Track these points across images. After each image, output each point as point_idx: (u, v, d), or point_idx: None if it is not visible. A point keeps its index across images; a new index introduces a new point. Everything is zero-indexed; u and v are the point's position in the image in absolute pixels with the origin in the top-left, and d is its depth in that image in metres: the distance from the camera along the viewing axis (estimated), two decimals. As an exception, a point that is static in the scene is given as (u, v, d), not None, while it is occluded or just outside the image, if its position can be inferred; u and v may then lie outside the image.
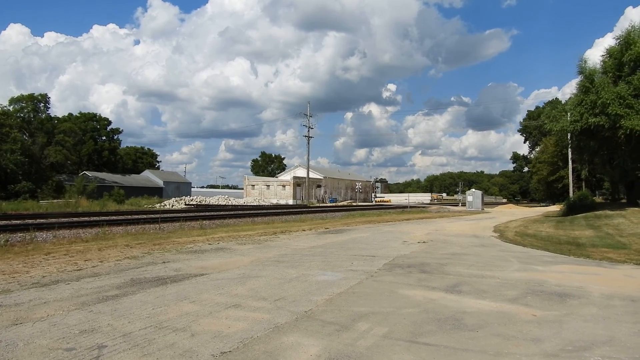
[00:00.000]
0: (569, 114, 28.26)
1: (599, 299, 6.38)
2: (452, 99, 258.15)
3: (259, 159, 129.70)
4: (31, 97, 60.00)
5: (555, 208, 45.17)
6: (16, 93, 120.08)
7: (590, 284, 7.46)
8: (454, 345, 4.33)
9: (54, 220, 20.55)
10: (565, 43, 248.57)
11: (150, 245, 12.06)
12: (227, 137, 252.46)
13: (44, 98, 61.46)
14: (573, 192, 42.55)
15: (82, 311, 5.42)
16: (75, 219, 21.72)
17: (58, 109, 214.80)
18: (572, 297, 6.47)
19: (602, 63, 28.65)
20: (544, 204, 74.05)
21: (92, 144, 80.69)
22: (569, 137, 31.40)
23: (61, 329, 4.72)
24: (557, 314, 5.56)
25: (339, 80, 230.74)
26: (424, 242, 13.90)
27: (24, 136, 56.10)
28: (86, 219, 22.26)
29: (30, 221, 19.50)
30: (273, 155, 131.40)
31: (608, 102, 24.37)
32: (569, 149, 38.62)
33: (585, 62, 28.74)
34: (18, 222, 19.48)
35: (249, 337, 4.49)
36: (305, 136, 65.19)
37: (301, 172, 75.96)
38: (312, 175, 74.10)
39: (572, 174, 44.03)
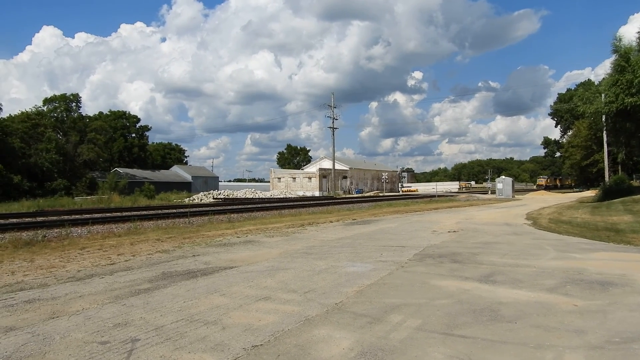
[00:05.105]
0: (603, 95, 27.15)
1: (644, 287, 6.06)
2: (480, 84, 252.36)
3: (285, 151, 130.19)
4: (64, 97, 61.66)
5: (590, 193, 43.63)
6: (49, 93, 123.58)
7: (634, 271, 7.11)
8: (492, 338, 4.17)
9: (87, 216, 21.15)
10: (598, 21, 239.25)
11: (180, 239, 12.24)
12: (252, 131, 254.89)
13: (76, 98, 63.04)
14: (609, 176, 41.02)
15: (115, 305, 5.50)
16: (108, 215, 22.28)
17: (89, 107, 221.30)
18: (615, 285, 6.17)
19: (637, 40, 27.35)
20: (577, 190, 71.74)
21: (122, 141, 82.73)
22: (603, 119, 30.18)
23: (96, 322, 4.79)
24: (600, 303, 5.30)
25: (363, 70, 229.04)
26: (454, 231, 13.61)
27: (58, 135, 57.80)
28: (118, 214, 22.80)
29: (65, 217, 20.08)
30: (298, 147, 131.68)
31: (646, 81, 23.25)
32: (604, 132, 37.13)
33: (620, 40, 27.42)
34: (54, 218, 20.10)
35: (280, 330, 4.45)
36: (330, 127, 64.84)
37: (327, 164, 75.84)
38: (338, 166, 73.93)
39: (608, 158, 42.37)
